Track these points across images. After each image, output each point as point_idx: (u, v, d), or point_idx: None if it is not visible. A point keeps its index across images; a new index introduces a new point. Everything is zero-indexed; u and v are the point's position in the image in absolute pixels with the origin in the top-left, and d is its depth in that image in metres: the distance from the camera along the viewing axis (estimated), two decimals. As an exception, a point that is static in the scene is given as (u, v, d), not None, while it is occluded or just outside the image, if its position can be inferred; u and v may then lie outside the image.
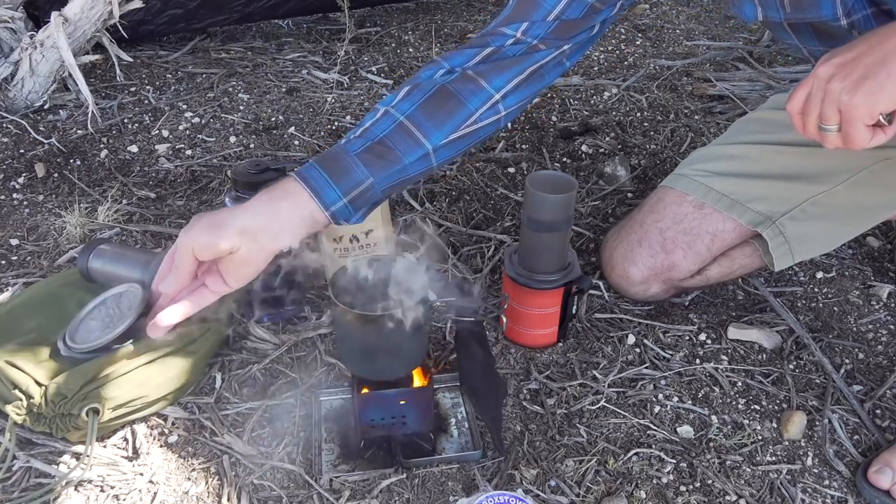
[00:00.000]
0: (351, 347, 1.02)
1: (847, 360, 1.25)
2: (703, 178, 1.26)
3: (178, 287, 0.92)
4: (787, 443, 1.11)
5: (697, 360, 1.24)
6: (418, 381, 1.07)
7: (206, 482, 1.02)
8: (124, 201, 1.57)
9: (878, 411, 1.16)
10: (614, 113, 1.97)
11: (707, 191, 1.24)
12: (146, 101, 1.94)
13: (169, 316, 0.92)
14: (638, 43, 2.41)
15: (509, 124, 1.89)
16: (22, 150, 1.72)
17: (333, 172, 0.97)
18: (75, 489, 1.00)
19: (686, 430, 1.12)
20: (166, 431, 1.09)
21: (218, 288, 0.93)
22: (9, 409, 1.03)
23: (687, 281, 1.29)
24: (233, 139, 1.81)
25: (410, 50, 2.29)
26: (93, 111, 1.81)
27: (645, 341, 1.27)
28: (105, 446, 1.06)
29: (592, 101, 2.02)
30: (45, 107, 1.87)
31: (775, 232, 1.22)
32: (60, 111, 1.87)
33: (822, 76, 0.82)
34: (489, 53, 1.06)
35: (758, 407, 1.17)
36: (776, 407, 1.17)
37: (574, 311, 1.25)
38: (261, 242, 0.91)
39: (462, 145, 1.06)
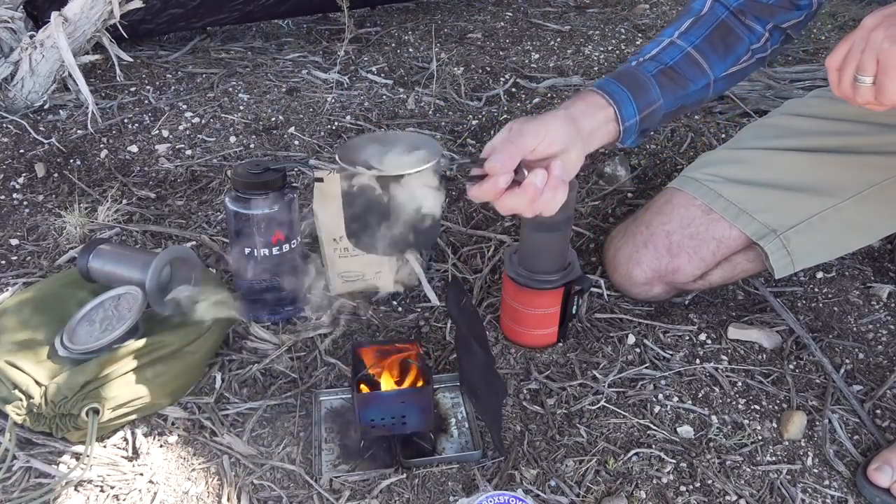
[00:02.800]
0: (363, 219, 0.89)
1: (847, 360, 1.25)
2: (713, 183, 1.25)
3: (505, 170, 0.86)
4: (787, 443, 1.11)
5: (697, 360, 1.24)
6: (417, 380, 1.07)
7: (206, 482, 1.02)
8: (124, 201, 1.57)
9: (878, 411, 1.16)
10: (614, 113, 1.96)
11: (716, 197, 1.24)
12: (146, 101, 1.94)
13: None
14: (638, 43, 2.41)
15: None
16: (22, 150, 1.72)
17: (633, 89, 1.02)
18: (75, 489, 1.00)
19: (686, 430, 1.12)
20: (166, 431, 1.09)
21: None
22: (9, 409, 1.03)
23: (689, 284, 1.29)
24: (233, 139, 1.81)
25: (410, 50, 2.29)
26: (93, 111, 1.81)
27: (645, 341, 1.27)
28: (105, 446, 1.06)
29: (592, 101, 2.02)
30: (45, 107, 1.87)
31: (778, 245, 1.22)
32: (60, 111, 1.87)
33: (868, 25, 0.83)
34: None
35: (758, 407, 1.17)
36: (776, 407, 1.17)
37: (574, 311, 1.25)
38: (587, 146, 0.96)
39: (734, 80, 1.14)
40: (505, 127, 0.90)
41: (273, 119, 1.89)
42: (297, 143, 1.80)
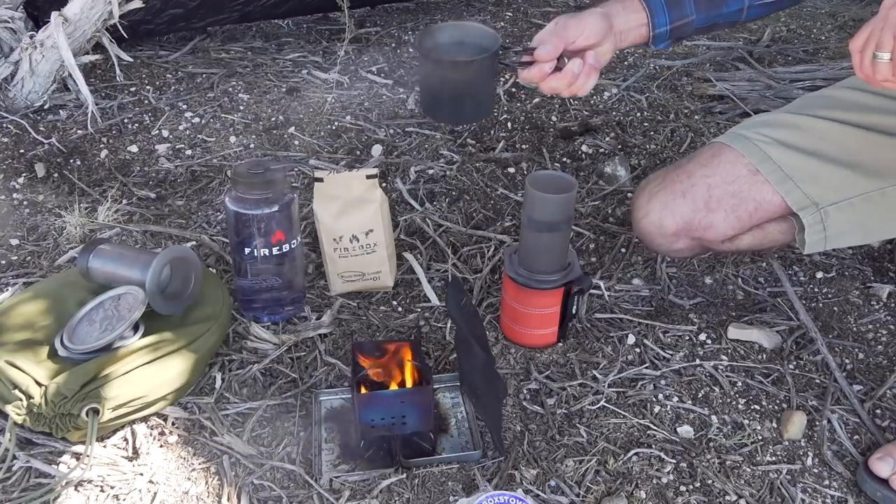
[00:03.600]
0: (436, 93, 1.09)
1: (847, 360, 1.25)
2: (764, 143, 1.21)
3: (550, 58, 1.06)
4: (787, 443, 1.11)
5: (697, 360, 1.24)
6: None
7: (206, 482, 1.02)
8: (124, 201, 1.57)
9: (878, 411, 1.17)
10: (614, 113, 1.97)
11: (764, 157, 1.19)
12: (146, 101, 1.94)
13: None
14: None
15: (509, 124, 1.89)
16: (22, 150, 1.72)
17: (669, 1, 1.13)
18: (75, 489, 1.00)
19: (686, 430, 1.12)
20: (166, 431, 1.09)
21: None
22: (9, 409, 1.03)
23: (717, 244, 1.25)
24: (233, 139, 1.81)
25: (410, 50, 2.29)
26: (93, 111, 1.81)
27: (645, 341, 1.27)
28: (105, 446, 1.07)
29: (592, 101, 2.02)
30: (45, 107, 1.87)
31: (816, 219, 1.18)
32: (60, 111, 1.87)
33: (887, 5, 0.87)
34: None
35: (758, 407, 1.17)
36: (776, 407, 1.17)
37: (574, 311, 1.25)
38: (619, 42, 1.14)
39: (768, 9, 1.21)
40: (551, 22, 1.09)
41: (273, 119, 1.89)
42: (296, 143, 1.80)
